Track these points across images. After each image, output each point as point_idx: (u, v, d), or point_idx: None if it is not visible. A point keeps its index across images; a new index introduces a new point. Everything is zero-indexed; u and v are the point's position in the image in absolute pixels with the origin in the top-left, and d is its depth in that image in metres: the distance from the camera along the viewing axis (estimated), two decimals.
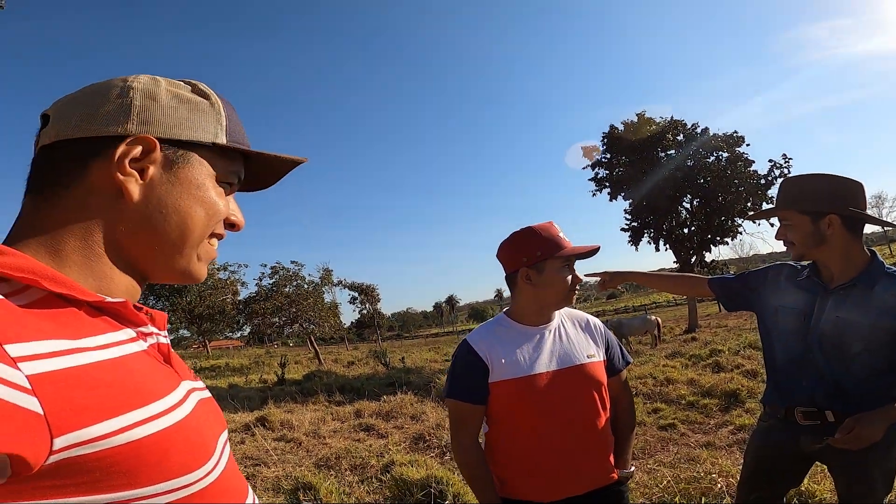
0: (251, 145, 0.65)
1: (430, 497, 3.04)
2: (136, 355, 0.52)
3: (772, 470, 1.81)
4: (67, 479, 0.42)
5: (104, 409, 0.44)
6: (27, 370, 0.40)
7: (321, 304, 20.92)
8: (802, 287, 1.72)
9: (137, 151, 0.53)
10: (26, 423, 0.39)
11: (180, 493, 0.49)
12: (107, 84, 0.56)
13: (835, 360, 1.62)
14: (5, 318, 0.42)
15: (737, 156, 16.53)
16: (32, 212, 0.54)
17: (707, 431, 4.87)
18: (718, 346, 9.79)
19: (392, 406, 6.97)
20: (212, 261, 0.64)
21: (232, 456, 0.63)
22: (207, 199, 0.59)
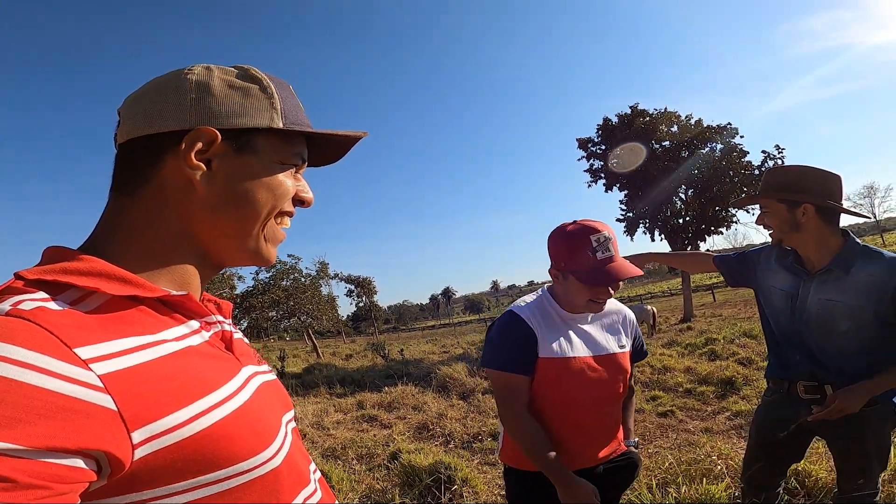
0: (313, 123, 0.65)
1: (440, 482, 3.12)
2: (199, 346, 0.55)
3: (775, 443, 1.91)
4: (155, 472, 0.45)
5: (172, 401, 0.47)
6: (98, 370, 0.43)
7: (319, 297, 20.95)
8: (789, 270, 1.82)
9: (200, 144, 0.55)
10: (105, 421, 0.42)
11: (249, 475, 0.52)
12: (165, 78, 0.58)
13: (825, 338, 1.72)
14: (73, 324, 0.45)
15: (731, 147, 16.62)
16: (114, 208, 0.57)
17: (705, 418, 4.98)
18: (714, 335, 9.92)
19: (394, 397, 7.06)
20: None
21: (297, 435, 0.66)
22: (273, 181, 0.60)
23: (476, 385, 7.19)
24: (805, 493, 2.44)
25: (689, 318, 15.78)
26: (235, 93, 0.57)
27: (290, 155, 0.61)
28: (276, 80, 0.61)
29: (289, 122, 0.60)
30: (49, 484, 0.38)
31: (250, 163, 0.58)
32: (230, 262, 0.62)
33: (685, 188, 17.09)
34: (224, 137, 0.56)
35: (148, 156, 0.56)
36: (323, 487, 0.67)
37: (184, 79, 0.56)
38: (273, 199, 0.60)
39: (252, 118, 0.57)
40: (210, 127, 0.55)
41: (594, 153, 18.14)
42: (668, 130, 17.08)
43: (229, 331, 0.62)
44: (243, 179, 0.58)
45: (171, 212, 0.56)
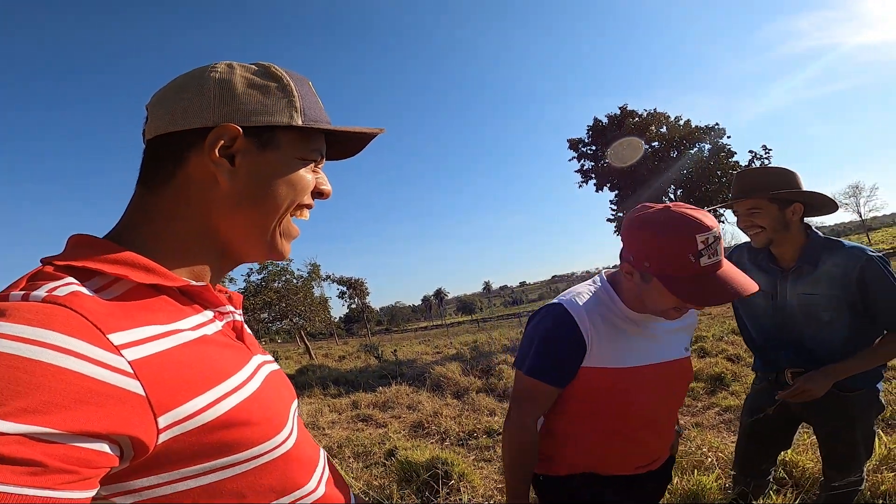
0: (331, 119, 0.67)
1: (437, 478, 3.16)
2: (213, 336, 0.56)
3: (765, 430, 1.99)
4: (175, 456, 0.47)
5: (192, 388, 0.48)
6: (129, 356, 0.44)
7: (311, 298, 20.87)
8: (764, 269, 1.88)
9: (223, 141, 0.57)
10: (135, 406, 0.43)
11: (262, 458, 0.53)
12: (190, 76, 0.59)
13: (811, 329, 1.79)
14: (104, 310, 0.46)
15: (719, 147, 16.85)
16: (140, 200, 0.59)
17: (695, 413, 5.06)
18: (703, 333, 10.04)
19: (388, 397, 7.08)
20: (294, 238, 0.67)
21: (302, 423, 0.68)
22: (293, 176, 0.62)
23: (470, 384, 7.24)
24: (793, 482, 2.51)
25: None
26: (257, 90, 0.59)
27: (309, 151, 0.63)
28: (295, 77, 0.63)
29: (308, 118, 0.62)
30: (76, 468, 0.39)
31: (272, 159, 0.60)
32: (246, 256, 0.64)
33: (674, 188, 17.29)
34: (246, 134, 0.58)
35: (173, 152, 0.57)
36: (332, 470, 0.69)
37: (207, 77, 0.58)
38: (293, 193, 0.62)
39: (273, 115, 0.59)
40: (233, 124, 0.57)
41: (585, 153, 18.32)
42: (657, 131, 17.27)
43: (240, 321, 0.64)
44: (265, 175, 0.59)
45: (194, 206, 0.58)
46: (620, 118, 17.47)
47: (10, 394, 0.37)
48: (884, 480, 2.21)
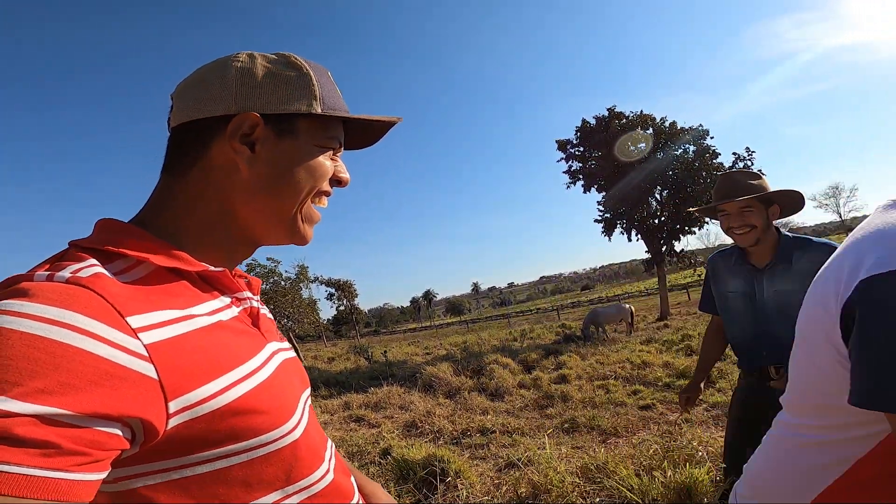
0: (349, 108, 0.67)
1: (434, 475, 3.19)
2: (228, 322, 0.57)
3: (753, 421, 2.06)
4: (184, 442, 0.47)
5: (204, 373, 0.48)
6: (145, 339, 0.45)
7: (299, 300, 20.74)
8: (737, 273, 1.96)
9: (244, 128, 0.58)
10: (147, 389, 0.43)
11: (269, 447, 0.53)
12: (213, 66, 0.60)
13: (786, 325, 1.85)
14: (125, 293, 0.46)
15: (703, 148, 17.08)
16: (164, 186, 0.60)
17: None
18: (689, 332, 10.21)
19: (380, 397, 7.09)
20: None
21: (313, 412, 0.68)
22: (312, 163, 0.62)
23: (462, 384, 7.27)
24: None
25: (666, 317, 16.15)
26: (277, 79, 0.60)
27: (327, 139, 0.64)
28: (315, 66, 0.63)
29: (327, 107, 0.62)
30: (89, 450, 0.39)
31: (291, 146, 0.61)
32: (267, 240, 0.64)
33: (660, 189, 17.48)
34: (266, 122, 0.59)
35: (196, 139, 0.59)
36: (339, 462, 0.69)
37: (230, 66, 0.59)
38: (312, 180, 0.62)
39: (292, 104, 0.60)
40: (253, 112, 0.58)
41: (573, 155, 18.42)
42: (644, 133, 17.46)
43: (256, 307, 0.64)
44: (284, 162, 0.60)
45: (216, 192, 0.59)
46: (608, 119, 17.62)
47: (28, 374, 0.37)
48: None
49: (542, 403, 6.07)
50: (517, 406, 6.14)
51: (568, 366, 8.00)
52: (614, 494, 2.62)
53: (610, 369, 7.42)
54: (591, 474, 2.94)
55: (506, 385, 7.00)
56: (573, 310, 36.41)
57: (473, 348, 12.90)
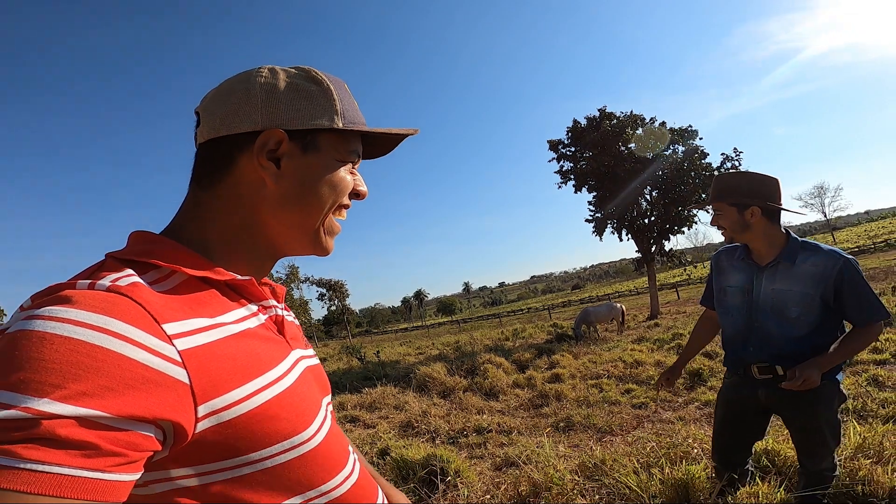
0: (366, 120, 0.68)
1: (434, 475, 3.21)
2: (255, 329, 0.58)
3: (738, 419, 2.13)
4: (210, 447, 0.48)
5: (232, 380, 0.50)
6: (179, 346, 0.47)
7: (290, 300, 20.66)
8: (739, 268, 2.05)
9: (271, 144, 0.59)
10: (180, 393, 0.45)
11: (290, 454, 0.54)
12: (236, 80, 0.62)
13: (779, 324, 1.94)
14: (160, 302, 0.49)
15: (692, 148, 17.25)
16: (193, 200, 0.62)
17: (676, 408, 5.22)
18: (679, 331, 10.32)
19: (374, 398, 7.09)
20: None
21: (335, 419, 0.69)
22: (334, 178, 0.64)
23: (456, 384, 7.30)
24: (776, 470, 2.64)
25: (656, 315, 16.30)
26: (299, 95, 0.61)
27: (348, 153, 0.65)
28: (334, 80, 0.65)
29: (347, 121, 0.64)
30: (125, 451, 0.40)
31: (315, 161, 0.62)
32: (291, 252, 0.66)
33: (650, 189, 17.63)
34: (291, 138, 0.60)
35: (224, 155, 0.60)
36: (362, 470, 0.69)
37: (253, 81, 0.61)
38: (334, 194, 0.64)
39: (315, 119, 0.61)
40: (278, 129, 0.59)
41: (564, 155, 18.50)
42: (634, 133, 17.60)
43: (281, 315, 0.66)
44: (309, 177, 0.62)
45: (243, 206, 0.61)
46: (599, 120, 17.73)
47: (71, 377, 0.39)
48: (861, 466, 2.34)
49: (537, 402, 6.11)
50: (512, 405, 6.19)
51: (561, 365, 8.06)
52: (614, 492, 2.66)
53: (603, 368, 7.48)
54: (589, 472, 2.98)
55: (500, 384, 7.04)
56: (564, 309, 36.61)
57: (466, 348, 12.94)
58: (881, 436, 2.70)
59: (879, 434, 2.74)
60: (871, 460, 2.46)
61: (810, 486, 2.03)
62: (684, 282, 30.92)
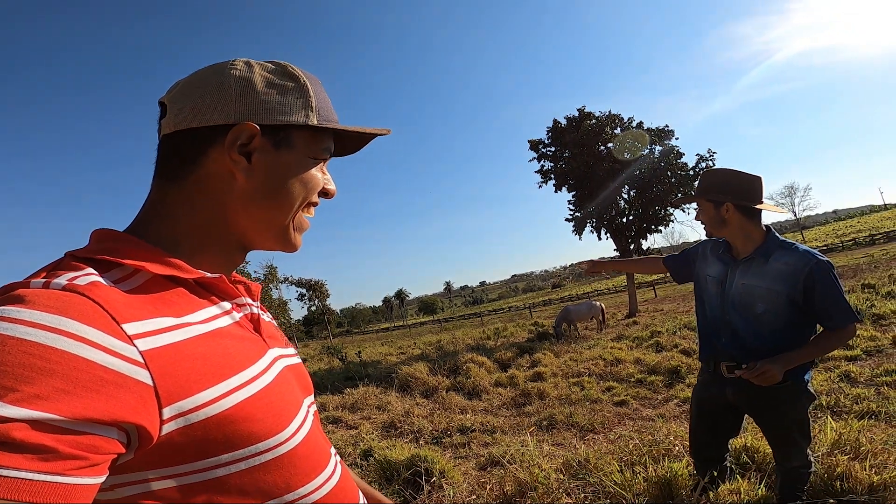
0: (338, 118, 0.67)
1: (418, 475, 3.19)
2: (229, 328, 0.57)
3: (710, 417, 2.17)
4: (178, 449, 0.47)
5: (201, 380, 0.49)
6: (141, 346, 0.45)
7: (269, 301, 20.40)
8: (720, 259, 2.11)
9: (243, 138, 0.58)
10: (142, 395, 0.44)
11: (265, 455, 0.53)
12: (210, 71, 0.60)
13: (745, 319, 1.99)
14: (120, 301, 0.47)
15: (669, 148, 17.55)
16: (158, 194, 0.60)
17: (656, 405, 5.30)
18: (658, 328, 10.49)
19: (356, 398, 7.04)
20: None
21: (318, 419, 0.67)
22: (305, 175, 0.63)
23: (439, 383, 7.29)
24: (755, 466, 2.70)
25: (635, 314, 16.56)
26: (275, 90, 0.60)
27: (320, 150, 0.64)
28: (309, 77, 0.64)
29: (322, 118, 0.63)
30: (85, 454, 0.39)
31: (287, 158, 0.61)
32: (259, 246, 0.65)
33: (628, 188, 17.89)
34: (263, 133, 0.59)
35: (193, 147, 0.58)
36: (344, 472, 0.68)
37: (228, 74, 0.59)
38: (305, 191, 0.63)
39: (290, 115, 0.60)
40: (251, 123, 0.58)
41: (545, 154, 18.65)
42: (612, 133, 17.83)
43: (257, 313, 0.64)
44: (280, 173, 0.61)
45: (211, 201, 0.59)
46: (578, 120, 17.90)
47: (24, 379, 0.38)
48: (839, 463, 2.39)
49: (520, 401, 6.14)
50: (495, 404, 6.20)
51: (543, 363, 8.11)
52: (599, 490, 2.68)
53: (584, 366, 7.57)
54: (574, 471, 3.00)
55: (483, 384, 7.05)
56: (545, 308, 36.92)
57: (448, 347, 12.94)
58: (857, 432, 2.77)
59: (855, 430, 2.81)
60: (849, 456, 2.52)
61: (787, 484, 2.07)
62: (661, 280, 31.45)
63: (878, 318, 7.43)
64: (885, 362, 5.10)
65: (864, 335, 6.29)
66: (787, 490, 2.08)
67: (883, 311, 7.66)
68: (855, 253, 27.75)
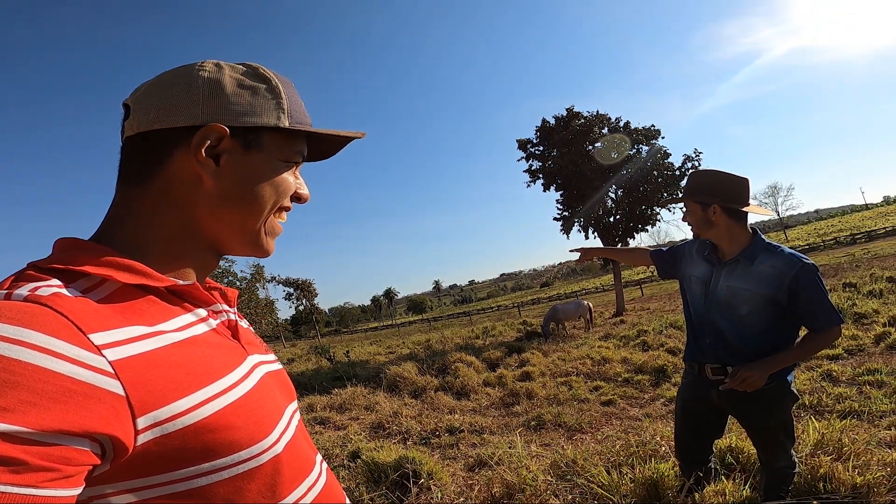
0: (312, 121, 0.66)
1: (406, 477, 3.18)
2: (205, 335, 0.56)
3: (695, 419, 2.18)
4: (156, 459, 0.46)
5: (178, 389, 0.48)
6: (110, 356, 0.44)
7: (256, 301, 20.25)
8: (706, 260, 2.12)
9: (210, 140, 0.56)
10: (114, 406, 0.43)
11: (248, 464, 0.52)
12: (177, 73, 0.58)
13: (729, 320, 2.00)
14: (87, 310, 0.46)
15: (656, 148, 17.69)
16: (123, 199, 0.58)
17: (643, 405, 5.34)
18: (644, 327, 10.59)
19: (344, 399, 7.00)
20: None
21: (302, 425, 0.66)
22: (276, 179, 0.61)
23: (427, 383, 7.28)
24: (740, 467, 2.72)
25: (622, 312, 16.69)
26: (245, 91, 0.59)
27: (293, 153, 0.63)
28: (282, 79, 0.63)
29: (294, 121, 0.62)
30: (58, 466, 0.38)
31: (257, 160, 0.60)
32: (231, 252, 0.64)
33: (615, 188, 18.01)
34: (233, 135, 0.58)
35: (158, 149, 0.56)
36: (329, 478, 0.66)
37: (196, 75, 0.57)
38: (276, 195, 0.62)
39: (260, 117, 0.59)
40: (220, 124, 0.56)
41: (533, 154, 18.69)
42: (600, 132, 17.92)
43: (234, 319, 0.63)
44: (249, 176, 0.59)
45: (179, 205, 0.58)
46: (567, 119, 17.95)
47: None
48: (821, 463, 2.42)
49: (508, 401, 6.16)
50: (483, 404, 6.21)
51: (531, 363, 8.14)
52: (586, 491, 2.69)
53: (572, 366, 7.60)
54: (561, 472, 3.01)
55: (471, 384, 7.05)
56: (533, 307, 37.07)
57: (437, 347, 12.93)
58: (839, 432, 2.81)
59: (837, 430, 2.84)
60: (831, 457, 2.55)
61: (771, 484, 2.09)
62: (648, 279, 31.76)
63: (859, 317, 7.57)
64: (866, 361, 5.19)
65: (846, 334, 6.40)
66: (772, 490, 2.10)
67: (864, 310, 7.81)
68: (836, 252, 28.27)
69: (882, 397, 3.92)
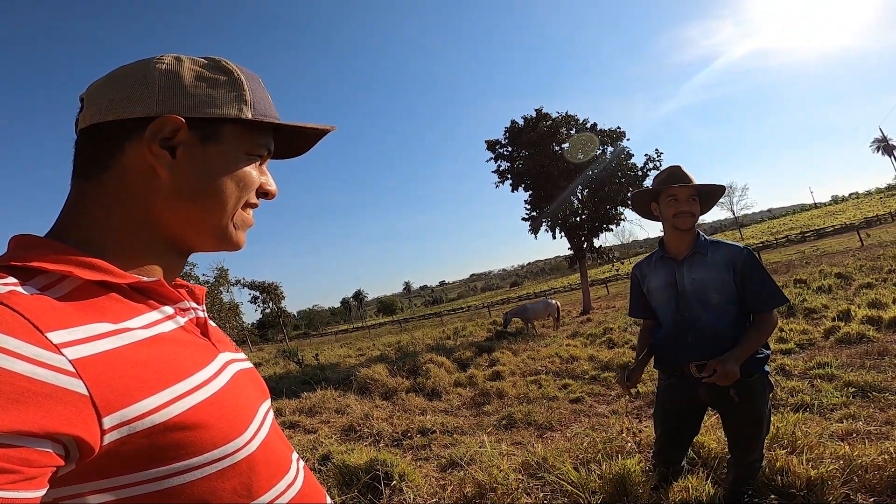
0: (280, 115, 0.65)
1: (378, 479, 3.17)
2: (172, 332, 0.55)
3: (677, 422, 2.23)
4: (125, 459, 0.45)
5: (144, 387, 0.47)
6: (70, 355, 0.43)
7: (220, 304, 19.73)
8: (660, 267, 2.21)
9: (165, 132, 0.55)
10: (76, 405, 0.42)
11: (222, 462, 0.51)
12: (133, 66, 0.57)
13: (705, 311, 2.08)
14: (45, 308, 0.44)
15: (620, 149, 18.14)
16: (77, 195, 0.56)
17: (610, 402, 5.47)
18: (610, 325, 10.84)
19: (314, 402, 6.92)
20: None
21: (276, 424, 0.65)
22: (238, 172, 0.60)
23: (398, 385, 7.27)
24: (702, 462, 2.81)
25: (588, 311, 17.03)
26: (204, 83, 0.57)
27: (256, 146, 0.62)
28: (245, 72, 0.62)
29: (258, 113, 0.60)
30: (18, 468, 0.38)
31: (215, 152, 0.58)
32: (198, 248, 0.63)
33: (581, 188, 18.37)
34: (190, 127, 0.56)
35: (111, 142, 0.55)
36: (308, 477, 0.66)
37: (152, 67, 0.56)
38: (238, 190, 0.60)
39: (220, 108, 0.58)
40: (175, 115, 0.55)
41: (502, 155, 18.86)
42: (568, 133, 18.25)
43: (203, 317, 0.62)
44: (208, 169, 0.58)
45: (134, 198, 0.56)
46: (535, 121, 18.20)
47: None
48: (778, 457, 2.50)
49: (479, 401, 6.20)
50: (455, 405, 6.24)
51: (501, 362, 8.23)
52: (556, 489, 2.75)
53: (541, 364, 7.72)
54: (532, 470, 3.06)
55: (442, 384, 7.08)
56: (503, 306, 37.34)
57: (408, 348, 12.91)
58: (793, 425, 2.93)
59: (791, 423, 2.96)
60: (787, 450, 2.65)
61: (740, 478, 2.17)
62: (613, 278, 32.47)
63: (809, 312, 7.93)
64: (817, 355, 5.44)
65: (797, 329, 6.71)
66: (741, 484, 2.17)
67: (814, 305, 8.19)
68: (788, 250, 29.51)
69: (833, 391, 4.06)
